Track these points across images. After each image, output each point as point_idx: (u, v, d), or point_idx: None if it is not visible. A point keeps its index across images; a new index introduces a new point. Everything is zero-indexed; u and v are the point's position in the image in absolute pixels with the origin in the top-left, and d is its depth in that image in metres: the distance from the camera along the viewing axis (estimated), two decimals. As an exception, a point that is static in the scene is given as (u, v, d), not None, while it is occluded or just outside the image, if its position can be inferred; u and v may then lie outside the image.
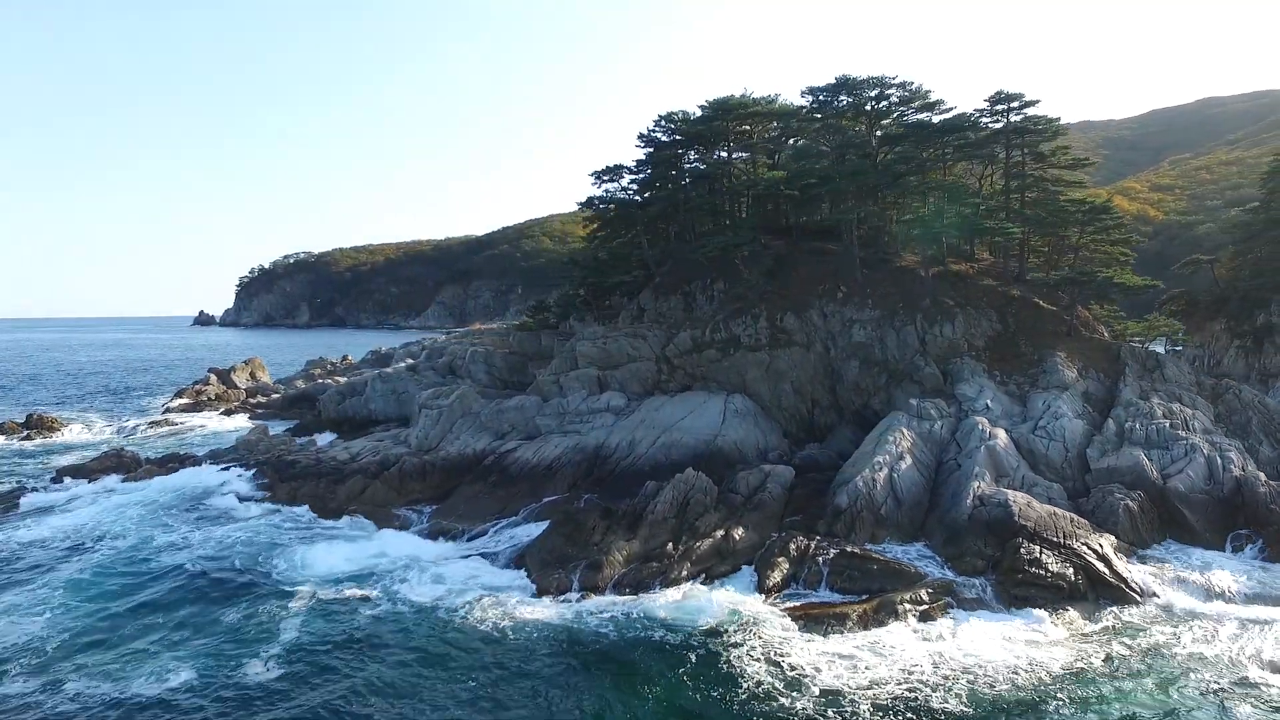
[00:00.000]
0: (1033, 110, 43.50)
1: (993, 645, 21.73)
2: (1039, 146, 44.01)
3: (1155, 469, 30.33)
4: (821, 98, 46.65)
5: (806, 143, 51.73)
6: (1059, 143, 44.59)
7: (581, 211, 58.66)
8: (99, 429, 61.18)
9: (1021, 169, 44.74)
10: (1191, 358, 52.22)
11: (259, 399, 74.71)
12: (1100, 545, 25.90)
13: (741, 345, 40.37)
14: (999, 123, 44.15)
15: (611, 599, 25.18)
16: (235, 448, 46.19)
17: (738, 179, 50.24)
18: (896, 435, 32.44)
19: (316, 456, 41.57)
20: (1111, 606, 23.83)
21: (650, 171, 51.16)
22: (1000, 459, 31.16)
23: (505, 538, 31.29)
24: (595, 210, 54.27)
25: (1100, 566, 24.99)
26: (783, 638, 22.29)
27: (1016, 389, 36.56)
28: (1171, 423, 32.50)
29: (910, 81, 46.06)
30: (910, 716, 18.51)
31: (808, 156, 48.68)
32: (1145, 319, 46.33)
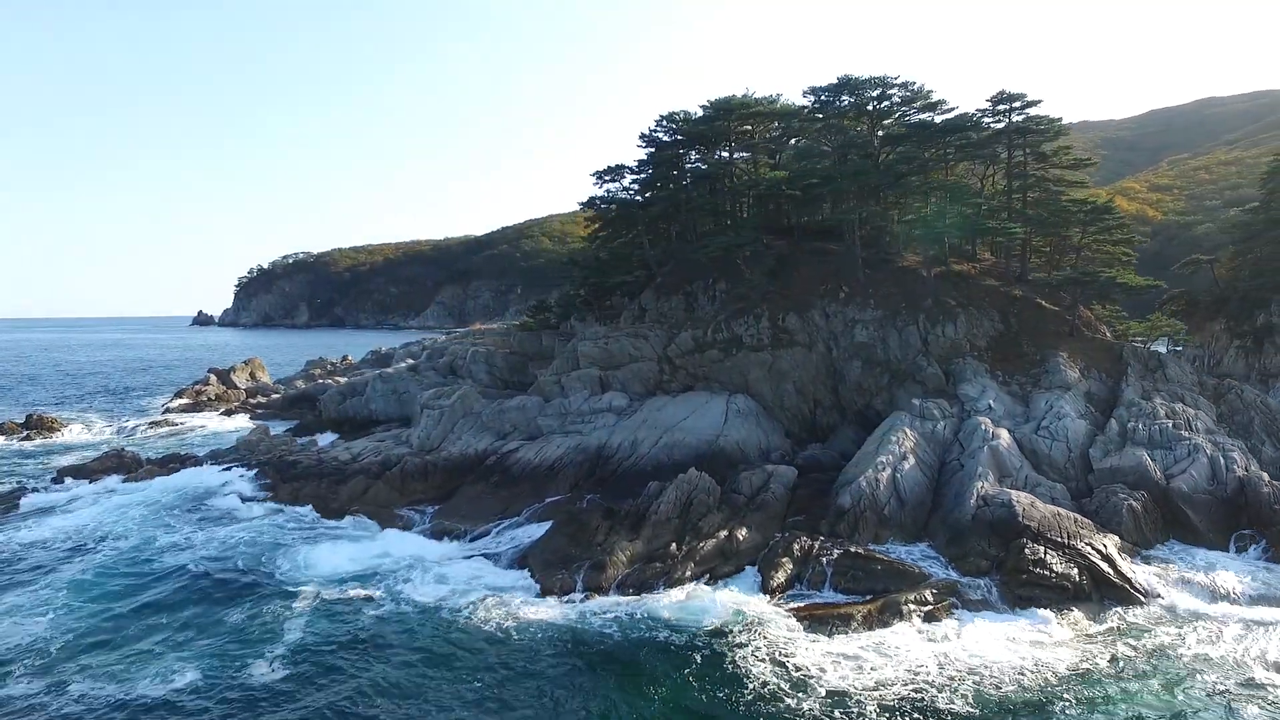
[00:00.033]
0: (1035, 110, 43.53)
1: (998, 646, 21.72)
2: (1041, 146, 44.01)
3: (1158, 469, 30.32)
4: (823, 98, 46.61)
5: (808, 143, 51.68)
6: (1061, 143, 44.61)
7: (582, 211, 58.67)
8: (99, 429, 61.04)
9: (1023, 169, 44.72)
10: (1191, 358, 52.24)
11: (259, 399, 74.61)
12: (1104, 545, 25.88)
13: (744, 345, 40.32)
14: (1001, 123, 44.14)
15: (615, 599, 25.15)
16: (236, 448, 46.12)
17: (739, 179, 50.20)
18: (899, 435, 32.41)
19: (318, 457, 41.51)
20: (1116, 607, 23.81)
21: (651, 171, 51.11)
22: (1003, 459, 31.15)
23: (508, 538, 31.25)
24: (597, 210, 54.22)
25: (1104, 567, 24.97)
26: (787, 638, 22.26)
27: (1019, 389, 36.56)
28: (1174, 423, 32.49)
29: (912, 81, 46.10)
30: (917, 717, 18.49)
31: (810, 156, 48.62)
32: (1147, 319, 46.35)
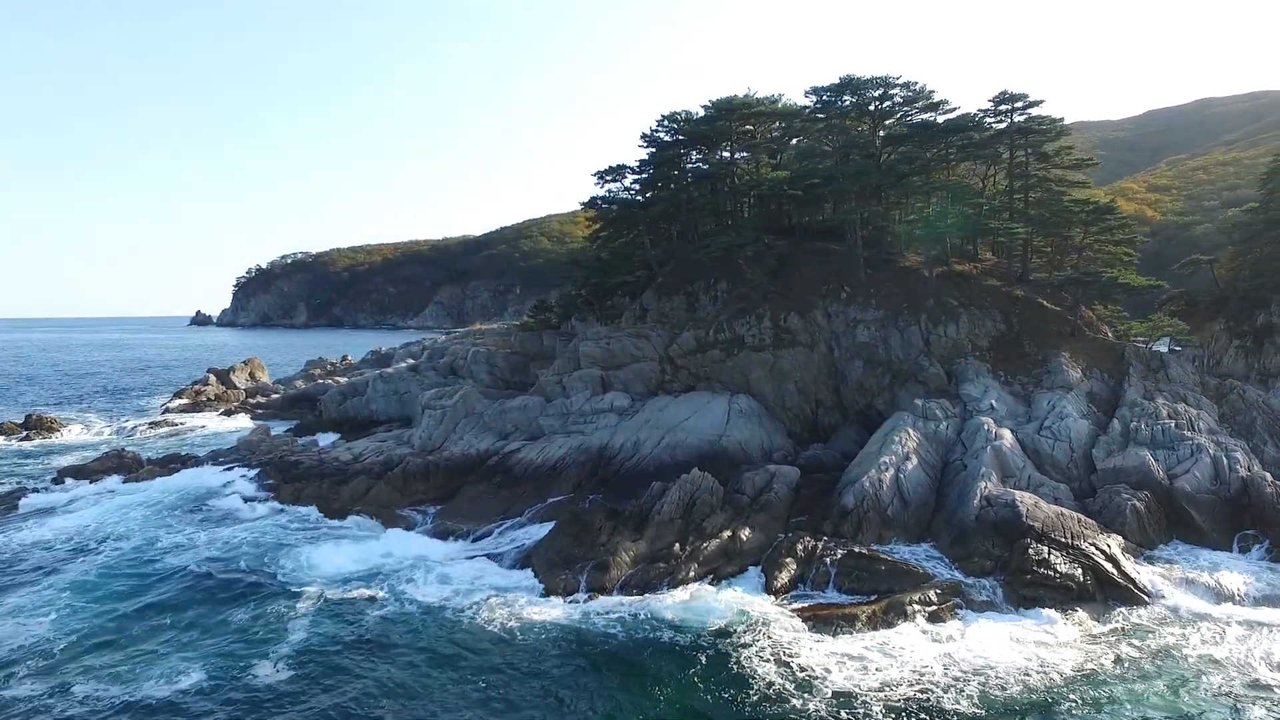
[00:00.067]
0: (1036, 110, 43.57)
1: (1003, 646, 21.70)
2: (1043, 146, 44.07)
3: (1161, 469, 30.32)
4: (825, 98, 46.64)
5: (809, 143, 51.69)
6: (1062, 143, 44.65)
7: (582, 212, 58.68)
8: (98, 429, 60.91)
9: (1025, 169, 44.77)
10: (1190, 357, 52.29)
11: (258, 399, 74.48)
12: (1108, 546, 25.88)
13: (745, 345, 40.30)
14: (1002, 123, 44.20)
15: (619, 599, 25.11)
16: (237, 448, 46.04)
17: (741, 179, 50.20)
18: (902, 435, 32.40)
19: (319, 457, 41.46)
20: (1120, 607, 23.81)
21: (653, 171, 51.13)
22: (1006, 459, 31.15)
23: (510, 538, 31.22)
24: (598, 210, 54.21)
25: (1108, 567, 24.97)
26: (792, 639, 22.23)
27: (1021, 389, 36.58)
28: (1177, 423, 32.51)
29: (914, 82, 46.21)
30: (923, 718, 18.48)
31: (811, 156, 48.63)
32: (1149, 319, 46.37)
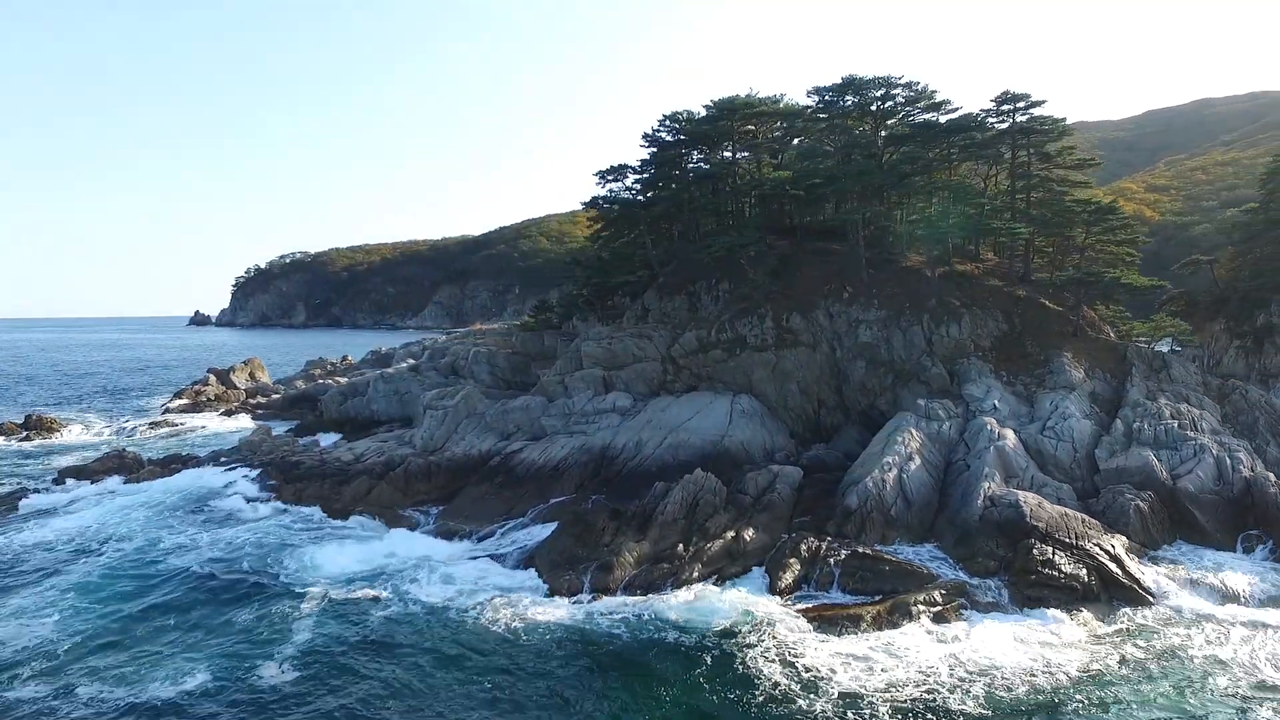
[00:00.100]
0: (1039, 110, 43.56)
1: (1008, 647, 21.69)
2: (1045, 147, 44.06)
3: (1165, 469, 30.31)
4: (827, 97, 46.60)
5: (811, 143, 51.68)
6: (1064, 143, 44.65)
7: (581, 212, 58.76)
8: (98, 430, 60.81)
9: (1027, 169, 44.76)
10: (1191, 357, 52.33)
11: (259, 399, 74.39)
12: (1112, 546, 25.87)
13: (747, 345, 40.27)
14: (1005, 123, 44.19)
15: (623, 600, 25.09)
16: (238, 448, 45.94)
17: (742, 179, 50.17)
18: (905, 436, 32.38)
19: (321, 457, 41.40)
20: (1125, 608, 23.80)
21: (654, 171, 51.10)
22: (1009, 459, 31.14)
23: (513, 539, 31.19)
24: (599, 210, 54.18)
25: (1113, 567, 24.96)
26: (797, 639, 22.21)
27: (1023, 389, 36.55)
28: (1179, 423, 32.50)
29: (916, 82, 46.14)
30: (930, 718, 18.46)
31: (813, 156, 48.62)
32: (1151, 319, 46.36)
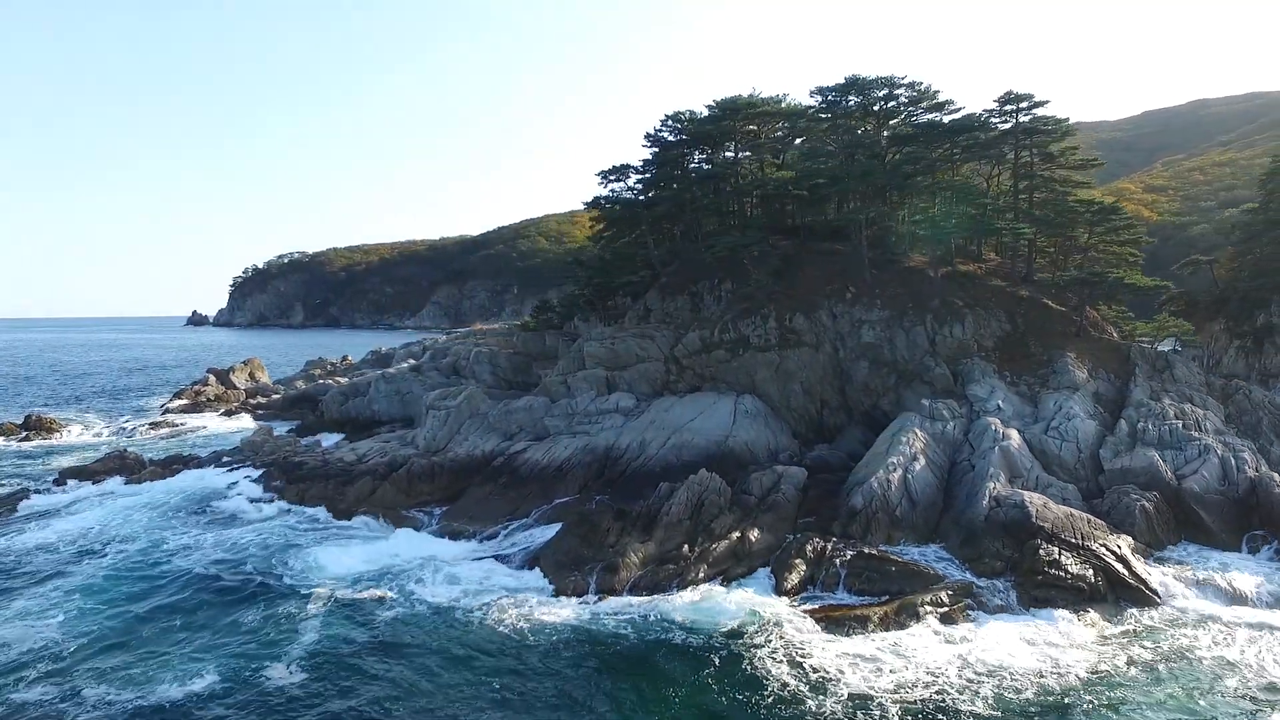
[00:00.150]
0: (1042, 111, 43.57)
1: (1016, 647, 21.67)
2: (1048, 147, 44.07)
3: (1169, 470, 30.29)
4: (830, 98, 46.58)
5: (814, 143, 51.65)
6: (1067, 143, 44.65)
7: (579, 212, 58.84)
8: (98, 430, 60.61)
9: (1030, 169, 44.77)
10: (1191, 357, 52.38)
11: (259, 400, 74.23)
12: (1118, 546, 25.86)
13: (750, 346, 40.24)
14: (1008, 123, 44.18)
15: (628, 600, 25.05)
16: (240, 449, 45.83)
17: (745, 179, 50.14)
18: (909, 436, 32.37)
19: (323, 458, 41.27)
20: (1132, 608, 23.77)
21: (656, 171, 51.06)
22: (1014, 460, 31.12)
23: (518, 539, 31.15)
24: (601, 210, 54.13)
25: (1119, 568, 24.93)
26: (805, 640, 22.17)
27: (1027, 389, 36.55)
28: (1184, 423, 32.51)
29: (919, 82, 46.14)
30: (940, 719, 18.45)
31: (816, 157, 48.59)
32: (1154, 319, 46.39)
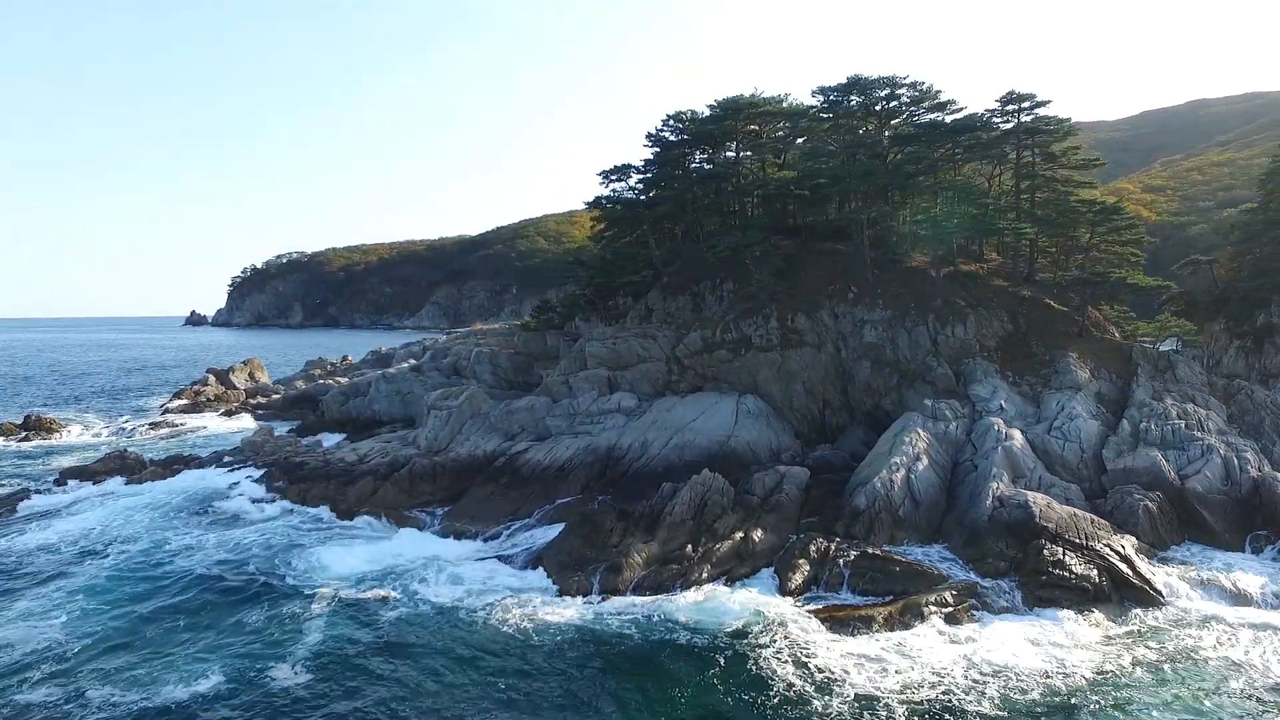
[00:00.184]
0: (1044, 110, 43.57)
1: (1021, 648, 21.65)
2: (1050, 147, 44.06)
3: (1172, 470, 30.29)
4: (832, 97, 46.58)
5: (815, 143, 51.64)
6: (1069, 143, 44.65)
7: (578, 212, 59.00)
8: (97, 430, 60.53)
9: (1032, 169, 44.76)
10: (1191, 357, 52.39)
11: (259, 400, 74.13)
12: (1122, 546, 25.84)
13: (752, 346, 40.23)
14: (1009, 123, 44.19)
15: (632, 600, 25.03)
16: (241, 449, 45.77)
17: (746, 179, 50.11)
18: (912, 436, 32.35)
19: (325, 458, 41.22)
20: (1136, 609, 23.77)
21: (657, 171, 51.04)
22: (1017, 460, 31.11)
23: (520, 539, 31.13)
24: (603, 210, 54.09)
25: (1124, 568, 24.92)
26: (809, 640, 22.15)
27: (1029, 390, 36.54)
28: (1186, 423, 32.50)
29: (921, 82, 46.19)
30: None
31: (818, 157, 48.58)
32: (1157, 319, 46.39)
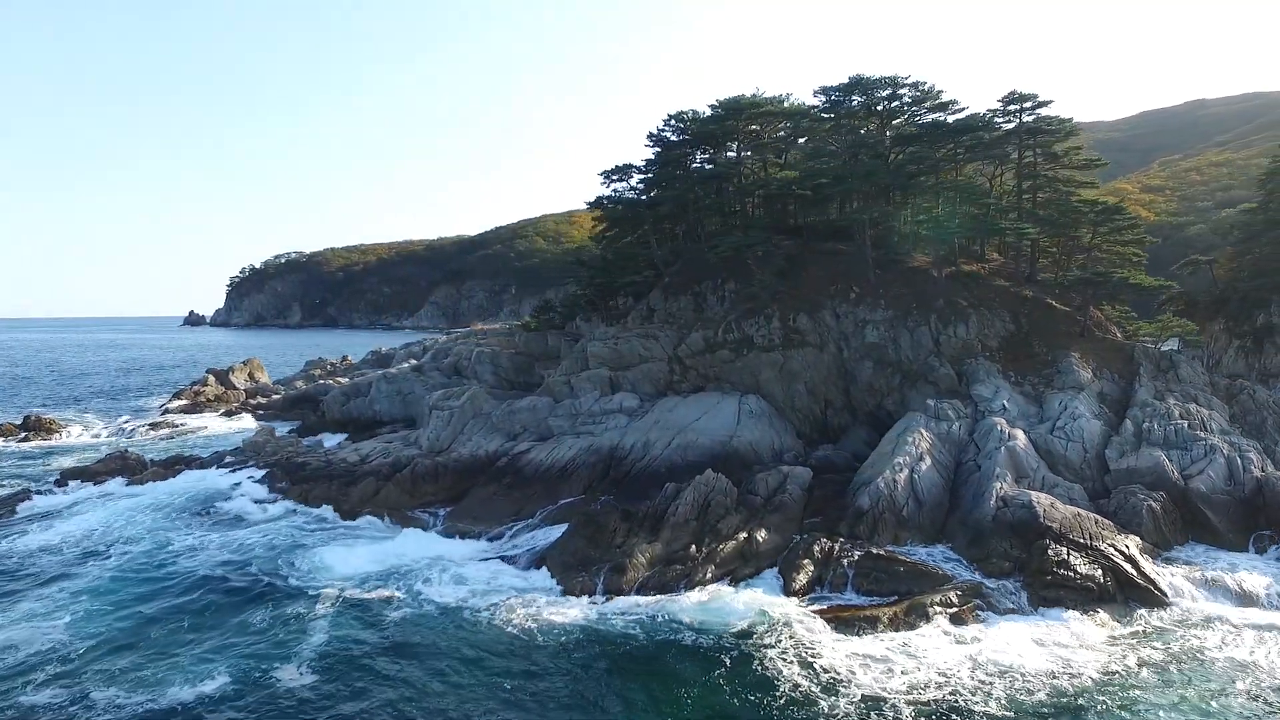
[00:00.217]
0: (1046, 110, 43.58)
1: (1026, 648, 21.63)
2: (1052, 146, 44.08)
3: (1176, 469, 30.28)
4: (834, 97, 46.58)
5: (817, 143, 51.64)
6: (1071, 143, 44.68)
7: (577, 212, 59.06)
8: (97, 431, 60.46)
9: (1034, 169, 44.77)
10: (1192, 357, 52.42)
11: (259, 400, 74.04)
12: (1127, 547, 25.83)
13: (754, 346, 40.21)
14: (1011, 123, 44.20)
15: (636, 600, 24.99)
16: (241, 449, 45.69)
17: (747, 179, 50.10)
18: (915, 436, 32.32)
19: (326, 458, 41.16)
20: (1141, 609, 23.75)
21: (658, 171, 51.01)
22: (1020, 460, 31.10)
23: (523, 540, 31.07)
24: (604, 210, 54.06)
25: (1128, 568, 24.92)
26: (814, 640, 22.13)
27: (1031, 390, 36.54)
28: (1189, 423, 32.50)
29: (923, 82, 46.17)
30: (954, 720, 18.43)
31: (819, 157, 48.57)
32: (1158, 319, 46.43)
